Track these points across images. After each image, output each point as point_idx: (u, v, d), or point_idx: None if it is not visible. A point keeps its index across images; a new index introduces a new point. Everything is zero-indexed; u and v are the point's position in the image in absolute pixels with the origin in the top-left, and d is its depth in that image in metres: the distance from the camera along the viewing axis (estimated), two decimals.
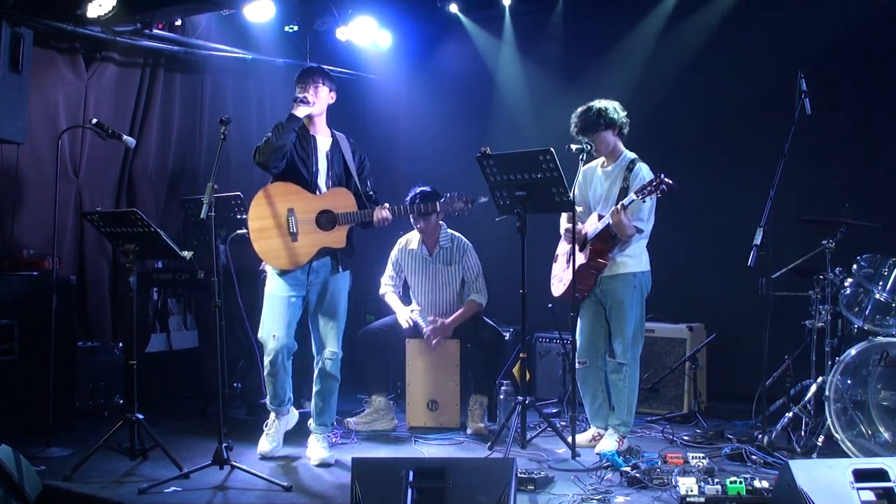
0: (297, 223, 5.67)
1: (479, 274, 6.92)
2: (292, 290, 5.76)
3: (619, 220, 5.67)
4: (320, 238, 5.68)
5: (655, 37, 8.08)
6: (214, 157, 5.41)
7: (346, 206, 5.69)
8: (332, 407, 5.88)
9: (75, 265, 7.31)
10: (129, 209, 5.79)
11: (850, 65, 7.17)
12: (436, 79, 9.29)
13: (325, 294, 5.78)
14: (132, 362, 5.73)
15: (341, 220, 5.67)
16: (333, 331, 5.79)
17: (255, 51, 8.31)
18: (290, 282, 5.76)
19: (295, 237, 5.67)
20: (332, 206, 5.70)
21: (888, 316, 5.64)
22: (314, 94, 5.69)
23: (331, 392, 5.84)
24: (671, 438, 6.31)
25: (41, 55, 6.97)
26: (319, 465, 5.64)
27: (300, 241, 5.68)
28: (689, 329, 7.24)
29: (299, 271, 5.73)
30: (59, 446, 5.89)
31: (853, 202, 6.13)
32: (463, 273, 6.91)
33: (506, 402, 6.30)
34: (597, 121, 5.94)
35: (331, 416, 5.89)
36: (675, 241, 6.99)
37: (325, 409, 5.84)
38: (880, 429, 5.50)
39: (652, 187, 5.50)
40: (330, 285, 5.78)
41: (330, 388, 5.83)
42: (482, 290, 6.90)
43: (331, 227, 5.68)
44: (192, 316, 8.08)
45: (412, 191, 6.74)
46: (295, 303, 5.77)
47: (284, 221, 5.67)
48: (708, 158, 7.72)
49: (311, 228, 5.68)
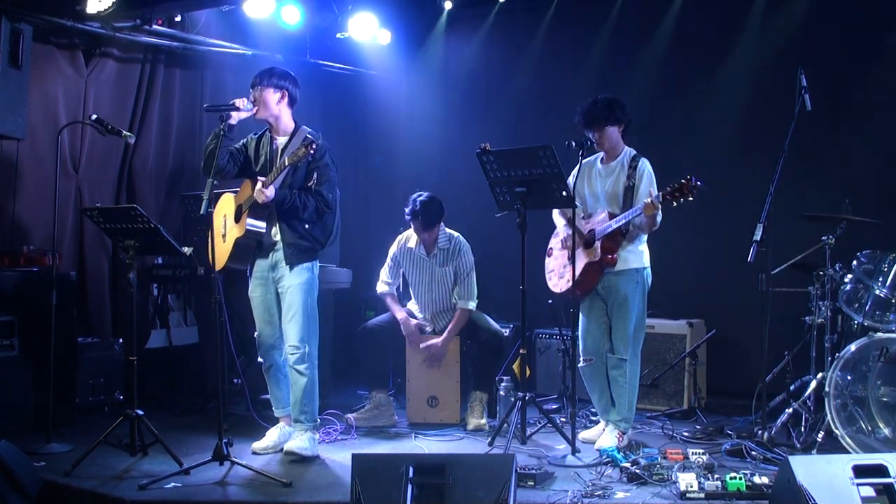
0: (226, 225, 5.87)
1: (469, 274, 6.85)
2: (260, 289, 5.88)
3: (653, 214, 5.63)
4: (234, 232, 5.79)
5: (653, 33, 8.07)
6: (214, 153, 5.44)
7: (246, 195, 5.72)
8: (303, 402, 5.75)
9: (75, 261, 7.31)
10: (128, 205, 5.79)
11: (850, 61, 7.16)
12: (436, 75, 9.28)
13: (284, 290, 5.79)
14: (132, 358, 5.74)
15: (244, 209, 5.72)
16: (290, 325, 5.74)
17: (255, 47, 8.30)
18: (258, 280, 5.89)
19: (225, 238, 5.87)
20: (240, 199, 5.80)
21: (888, 312, 5.64)
22: (250, 100, 5.66)
23: (297, 386, 5.77)
24: (671, 434, 6.31)
25: (41, 51, 6.97)
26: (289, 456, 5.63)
27: (227, 240, 5.84)
28: (689, 325, 7.24)
29: (265, 268, 5.84)
30: (60, 442, 5.89)
31: (853, 198, 6.12)
32: (456, 269, 6.89)
33: (506, 398, 6.30)
34: (606, 115, 5.91)
35: (304, 412, 5.77)
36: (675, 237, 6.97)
37: (295, 404, 5.79)
38: (880, 425, 5.50)
39: (685, 190, 5.41)
40: (285, 280, 5.77)
41: (295, 381, 5.78)
42: (471, 292, 6.83)
43: (239, 220, 5.76)
44: (192, 312, 8.08)
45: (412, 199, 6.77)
46: (267, 300, 5.87)
47: (222, 227, 5.89)
48: (708, 155, 7.70)
49: (232, 225, 5.82)
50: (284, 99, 5.78)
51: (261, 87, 5.72)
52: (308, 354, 5.76)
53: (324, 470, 5.51)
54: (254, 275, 5.90)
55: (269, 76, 5.75)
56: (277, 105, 5.77)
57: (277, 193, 5.58)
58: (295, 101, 5.85)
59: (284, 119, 5.84)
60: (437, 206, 6.76)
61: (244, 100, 5.60)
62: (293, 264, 5.73)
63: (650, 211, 5.60)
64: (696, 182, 5.39)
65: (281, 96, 5.76)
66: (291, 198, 5.62)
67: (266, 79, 5.73)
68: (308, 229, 5.76)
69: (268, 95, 5.73)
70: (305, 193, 5.66)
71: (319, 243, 5.85)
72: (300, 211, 5.65)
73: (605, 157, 6.07)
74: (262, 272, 5.86)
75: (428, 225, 6.74)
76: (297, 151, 5.35)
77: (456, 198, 7.31)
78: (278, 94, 5.75)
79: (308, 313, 5.77)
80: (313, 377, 5.79)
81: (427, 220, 6.72)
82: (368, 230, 8.72)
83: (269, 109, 5.76)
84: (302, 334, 5.73)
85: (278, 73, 5.80)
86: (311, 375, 5.77)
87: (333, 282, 7.47)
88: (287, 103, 5.81)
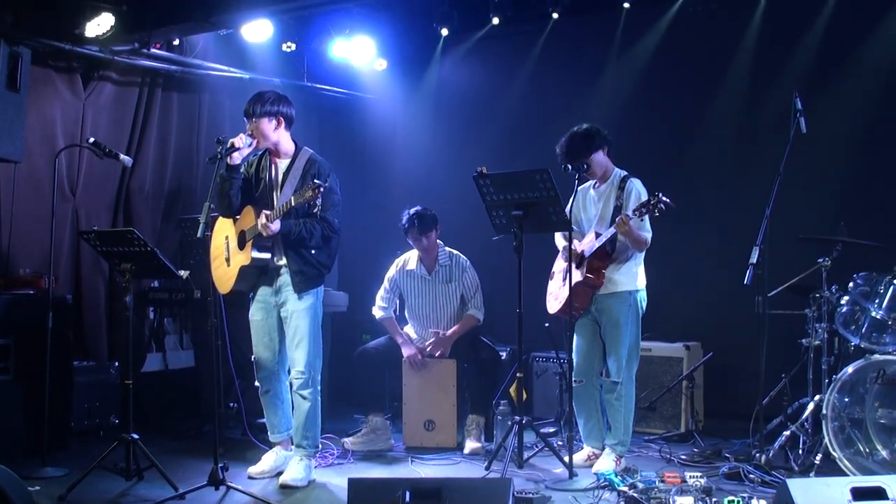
0: (228, 248, 5.82)
1: (478, 289, 6.94)
2: (261, 313, 5.85)
3: (627, 229, 5.68)
4: (238, 259, 5.73)
5: (649, 56, 8.09)
6: (211, 176, 5.43)
7: (249, 223, 5.66)
8: (306, 427, 5.74)
9: (72, 284, 7.30)
10: (125, 228, 5.80)
11: (845, 84, 7.20)
12: (432, 98, 9.30)
13: (287, 315, 5.76)
14: (128, 382, 5.71)
15: (247, 237, 5.67)
16: (297, 352, 5.72)
17: (253, 70, 8.33)
18: (260, 304, 5.85)
19: (228, 262, 5.82)
20: (243, 226, 5.74)
21: (885, 333, 5.64)
22: (248, 133, 5.61)
23: (300, 411, 5.76)
24: (669, 458, 6.29)
25: (39, 74, 7.00)
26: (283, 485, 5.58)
27: (231, 265, 5.80)
28: (685, 348, 7.23)
29: (268, 293, 5.80)
30: (55, 466, 5.86)
31: (849, 220, 6.15)
32: (462, 290, 6.92)
33: (503, 422, 6.29)
34: (587, 145, 5.97)
35: (306, 438, 5.75)
36: (671, 260, 7.00)
37: (297, 429, 5.77)
38: (878, 447, 5.49)
39: (650, 206, 5.52)
40: (289, 305, 5.74)
41: (298, 406, 5.77)
42: (480, 305, 6.92)
43: (243, 247, 5.71)
44: (189, 335, 8.07)
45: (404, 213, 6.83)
46: (269, 324, 5.83)
47: (224, 249, 5.85)
48: (704, 177, 7.73)
49: (236, 251, 5.76)
50: (281, 124, 5.74)
51: (255, 119, 5.66)
52: (313, 380, 5.74)
53: (320, 494, 5.49)
54: (256, 298, 5.87)
55: (261, 105, 5.67)
56: (275, 132, 5.73)
57: (283, 225, 5.53)
58: (292, 121, 5.82)
59: (284, 143, 5.81)
60: (431, 214, 6.82)
61: (242, 136, 5.55)
62: (301, 291, 5.70)
63: (621, 228, 5.67)
64: (663, 198, 5.48)
65: (277, 123, 5.72)
66: (298, 228, 5.57)
67: (258, 108, 5.66)
68: (315, 255, 5.73)
69: (264, 126, 5.67)
70: (311, 221, 5.62)
71: (326, 268, 5.84)
72: (307, 240, 5.63)
73: (598, 181, 6.12)
74: (264, 296, 5.83)
75: (424, 229, 6.76)
76: (304, 193, 5.28)
77: (453, 221, 7.32)
78: (274, 122, 5.70)
79: (314, 338, 5.75)
80: (316, 402, 5.78)
81: (423, 225, 6.75)
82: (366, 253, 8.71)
83: (269, 139, 5.72)
84: (308, 360, 5.71)
85: (269, 98, 5.72)
86: (314, 401, 5.76)
87: (331, 305, 7.46)
88: (284, 127, 5.77)
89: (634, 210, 5.61)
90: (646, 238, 5.83)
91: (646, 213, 5.58)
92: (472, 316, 6.89)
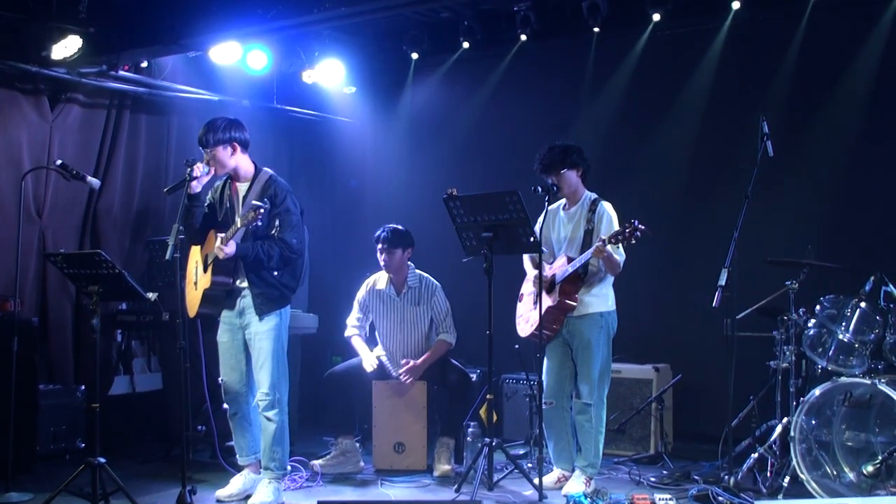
0: (197, 273, 5.86)
1: (448, 314, 6.91)
2: (227, 335, 5.86)
3: (607, 255, 5.71)
4: (202, 283, 5.76)
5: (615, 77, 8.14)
6: (180, 198, 5.41)
7: (211, 247, 5.66)
8: (272, 449, 5.71)
9: (38, 307, 7.22)
10: (92, 250, 5.74)
11: (811, 108, 7.28)
12: (403, 120, 9.31)
13: (251, 337, 5.76)
14: (95, 405, 5.62)
15: (208, 261, 5.69)
16: (261, 373, 5.70)
17: (222, 92, 8.31)
18: (225, 326, 5.86)
19: (196, 286, 5.85)
20: (207, 250, 5.76)
21: (851, 356, 5.67)
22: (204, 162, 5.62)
23: (267, 433, 5.73)
24: (638, 480, 6.30)
25: (5, 96, 6.96)
26: None
27: (197, 289, 5.82)
28: (655, 370, 7.25)
29: (232, 315, 5.81)
30: (19, 490, 5.81)
31: (816, 243, 6.21)
32: (431, 313, 6.90)
33: (473, 444, 6.28)
34: (562, 159, 6.00)
35: (273, 460, 5.73)
36: (641, 282, 7.03)
37: (265, 451, 5.75)
38: (845, 469, 5.52)
39: (626, 234, 5.53)
40: (253, 327, 5.74)
41: (265, 428, 5.74)
42: (451, 329, 6.90)
43: (206, 270, 5.73)
44: (157, 358, 8.00)
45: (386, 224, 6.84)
46: (234, 346, 5.83)
47: (194, 273, 5.89)
48: (673, 201, 7.79)
49: (202, 275, 5.79)
50: (236, 150, 5.75)
51: (210, 148, 5.67)
52: (278, 401, 5.71)
53: None
54: (222, 320, 5.86)
55: (213, 133, 5.68)
56: (232, 158, 5.74)
57: (238, 248, 5.52)
58: (247, 144, 5.82)
59: (243, 167, 5.82)
60: (405, 234, 6.82)
61: (199, 165, 5.54)
62: (262, 313, 5.69)
63: (599, 255, 5.71)
64: (639, 226, 5.50)
65: (232, 149, 5.73)
66: (254, 250, 5.57)
67: (211, 138, 5.67)
68: (277, 276, 5.73)
69: (219, 154, 5.69)
70: (269, 242, 5.60)
71: (290, 289, 5.83)
72: (265, 262, 5.61)
73: (567, 202, 6.15)
74: (229, 318, 5.83)
75: (391, 244, 6.72)
76: (248, 215, 5.32)
77: (423, 243, 7.30)
78: (229, 149, 5.72)
79: (278, 360, 5.73)
80: (283, 424, 5.75)
81: (391, 241, 6.73)
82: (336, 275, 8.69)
83: (226, 166, 5.75)
84: (272, 381, 5.68)
85: (220, 126, 5.72)
86: (280, 422, 5.72)
87: (300, 327, 7.43)
88: (241, 151, 5.78)
89: (611, 237, 5.62)
90: (619, 262, 5.86)
91: (622, 241, 5.60)
92: (444, 341, 6.87)
